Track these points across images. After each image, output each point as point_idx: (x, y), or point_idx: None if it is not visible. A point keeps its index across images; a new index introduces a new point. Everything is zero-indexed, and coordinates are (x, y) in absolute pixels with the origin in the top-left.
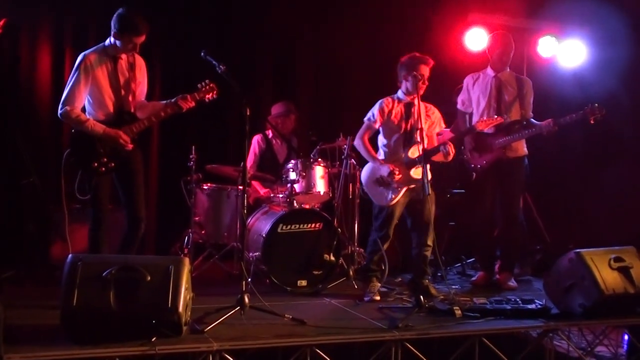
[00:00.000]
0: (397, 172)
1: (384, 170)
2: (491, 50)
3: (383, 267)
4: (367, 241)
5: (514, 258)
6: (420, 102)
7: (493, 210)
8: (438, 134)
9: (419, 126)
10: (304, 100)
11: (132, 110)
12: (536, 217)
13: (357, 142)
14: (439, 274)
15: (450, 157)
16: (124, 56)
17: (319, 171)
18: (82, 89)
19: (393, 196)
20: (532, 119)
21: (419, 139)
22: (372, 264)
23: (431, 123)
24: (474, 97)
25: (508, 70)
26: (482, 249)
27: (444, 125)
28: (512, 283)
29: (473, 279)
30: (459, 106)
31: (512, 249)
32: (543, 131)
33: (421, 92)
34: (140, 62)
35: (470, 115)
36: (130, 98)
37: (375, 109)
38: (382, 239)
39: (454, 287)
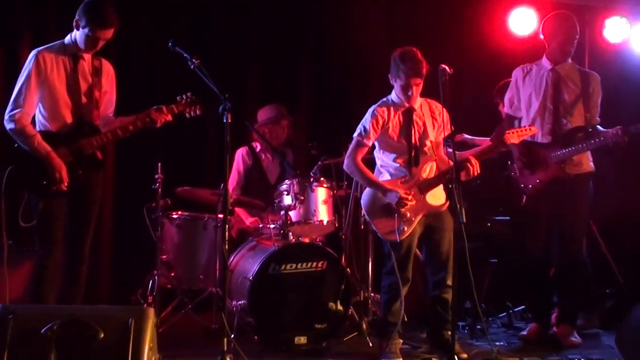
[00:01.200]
0: (409, 199)
1: (392, 197)
2: (548, 35)
3: (405, 319)
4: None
5: (577, 305)
6: (424, 102)
7: (548, 244)
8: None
9: (427, 135)
10: (302, 103)
11: (95, 121)
12: (605, 252)
13: (347, 165)
14: (479, 327)
15: (471, 176)
16: (87, 57)
17: (321, 194)
18: (32, 92)
19: (405, 228)
20: (598, 126)
21: (429, 152)
22: (390, 314)
23: (438, 126)
24: (524, 95)
25: (570, 61)
26: (535, 294)
27: (450, 129)
28: (575, 338)
29: (523, 332)
30: (505, 108)
31: (573, 293)
32: (609, 142)
33: (410, 99)
34: (108, 69)
35: (521, 120)
36: (92, 108)
37: (366, 121)
38: (401, 283)
39: (498, 343)
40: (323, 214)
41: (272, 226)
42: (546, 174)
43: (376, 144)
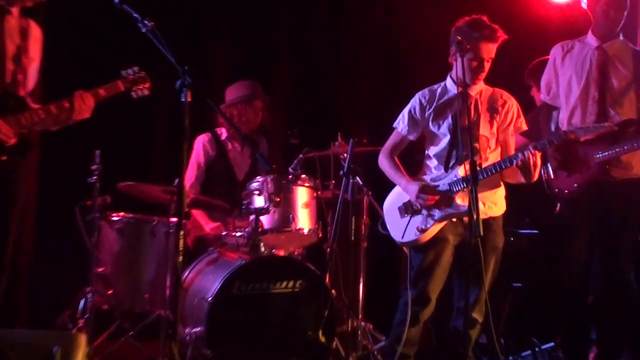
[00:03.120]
0: (430, 193)
1: (411, 190)
2: (593, 5)
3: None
4: (382, 310)
5: (621, 343)
6: (484, 87)
7: (587, 264)
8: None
9: (478, 127)
10: (281, 81)
11: (22, 94)
12: None
13: (380, 160)
14: None
15: (535, 176)
16: (15, 12)
17: (302, 195)
18: None
19: (426, 226)
20: None
21: (477, 150)
22: (398, 342)
23: (501, 121)
24: (563, 79)
25: (620, 38)
26: (568, 328)
27: (525, 126)
28: None
29: None
30: (542, 95)
31: (617, 328)
32: None
33: (477, 82)
34: (36, 32)
35: (555, 108)
36: (20, 76)
37: (405, 111)
38: (418, 302)
39: None
40: (304, 220)
41: (238, 234)
42: (586, 176)
43: (426, 138)
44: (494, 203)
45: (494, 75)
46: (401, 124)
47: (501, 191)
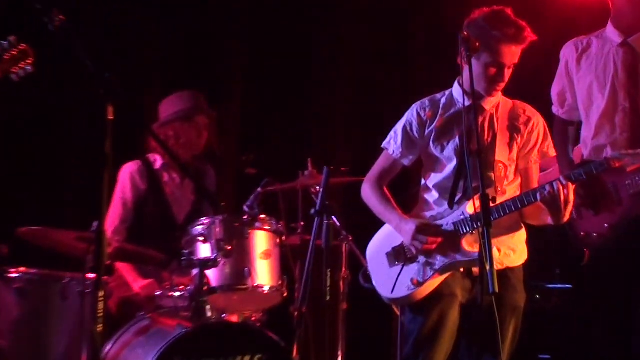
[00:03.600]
0: (428, 234)
1: (408, 230)
2: None
3: None
4: None
5: None
6: (502, 100)
7: (628, 329)
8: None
9: (494, 150)
10: (232, 91)
11: None
12: None
13: (364, 191)
14: None
15: (567, 216)
16: None
17: (261, 242)
18: None
19: (424, 278)
20: None
21: (494, 179)
22: None
23: (523, 144)
24: (581, 87)
25: None
26: None
27: (553, 152)
28: None
29: None
30: (554, 108)
31: None
32: None
33: (494, 93)
34: None
35: (579, 126)
36: None
37: (399, 127)
38: None
39: None
40: (263, 275)
41: (177, 294)
42: (619, 214)
43: (423, 162)
44: (512, 250)
45: (512, 84)
46: (393, 144)
47: (521, 235)
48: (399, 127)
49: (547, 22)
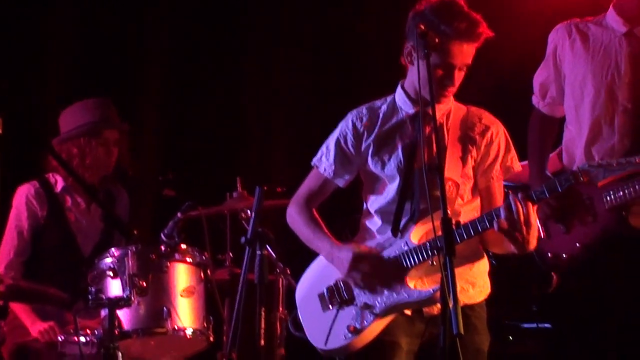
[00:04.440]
0: (372, 267)
1: (344, 258)
2: None
3: None
4: None
5: None
6: (454, 106)
7: None
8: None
9: (443, 166)
10: (150, 103)
11: None
12: None
13: (289, 214)
14: None
15: (533, 243)
16: None
17: (182, 277)
18: None
19: (362, 324)
20: None
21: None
22: None
23: (481, 158)
24: (571, 80)
25: None
26: None
27: (519, 166)
28: None
29: None
30: (534, 99)
31: None
32: None
33: (443, 99)
34: None
35: (562, 123)
36: None
37: (331, 141)
38: None
39: None
40: (185, 316)
41: (83, 340)
42: (594, 231)
43: (363, 180)
44: (470, 284)
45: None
46: (324, 160)
47: (482, 265)
48: (331, 140)
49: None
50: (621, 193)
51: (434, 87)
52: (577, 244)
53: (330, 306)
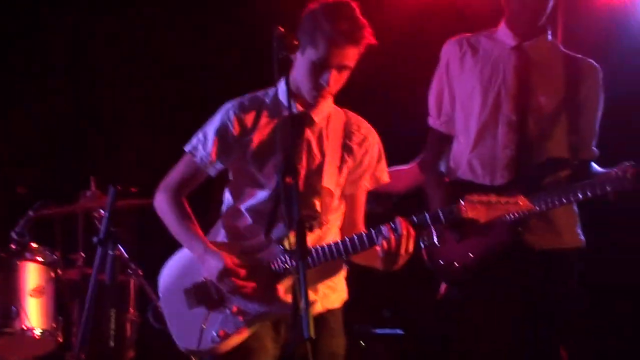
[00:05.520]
0: (240, 277)
1: (214, 266)
2: None
3: None
4: None
5: None
6: (333, 110)
7: None
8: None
9: (321, 175)
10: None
11: None
12: None
13: (157, 201)
14: None
15: (398, 262)
16: None
17: (32, 276)
18: None
19: (232, 330)
20: (592, 162)
21: (318, 209)
22: None
23: (355, 166)
24: (460, 90)
25: (549, 37)
26: None
27: (387, 177)
28: None
29: None
30: (430, 119)
31: None
32: (612, 186)
33: (322, 98)
34: None
35: (452, 140)
36: None
37: (210, 128)
38: None
39: None
40: (34, 316)
41: None
42: (488, 242)
43: (230, 175)
44: (331, 289)
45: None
46: (200, 149)
47: (342, 271)
48: (209, 129)
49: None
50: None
51: (311, 85)
52: (471, 254)
53: (196, 304)
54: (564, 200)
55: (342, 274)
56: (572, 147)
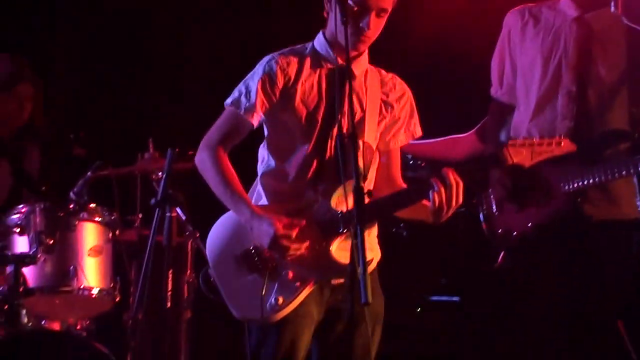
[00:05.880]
0: (294, 241)
1: (261, 232)
2: None
3: None
4: None
5: None
6: (369, 66)
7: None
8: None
9: (363, 130)
10: (59, 59)
11: None
12: None
13: (200, 159)
14: None
15: (448, 213)
16: None
17: (90, 236)
18: None
19: (281, 300)
20: None
21: (362, 161)
22: None
23: (391, 120)
24: (522, 60)
25: (612, 9)
26: None
27: (419, 131)
28: None
29: None
30: (492, 89)
31: None
32: None
33: (362, 43)
34: None
35: (513, 110)
36: None
37: (253, 79)
38: None
39: None
40: (92, 275)
41: None
42: (547, 212)
43: (265, 130)
44: (368, 249)
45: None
46: (244, 100)
47: (375, 230)
48: (251, 81)
49: None
50: (579, 181)
51: (354, 32)
52: (529, 224)
53: (249, 272)
54: (624, 173)
55: (375, 233)
56: (633, 120)
